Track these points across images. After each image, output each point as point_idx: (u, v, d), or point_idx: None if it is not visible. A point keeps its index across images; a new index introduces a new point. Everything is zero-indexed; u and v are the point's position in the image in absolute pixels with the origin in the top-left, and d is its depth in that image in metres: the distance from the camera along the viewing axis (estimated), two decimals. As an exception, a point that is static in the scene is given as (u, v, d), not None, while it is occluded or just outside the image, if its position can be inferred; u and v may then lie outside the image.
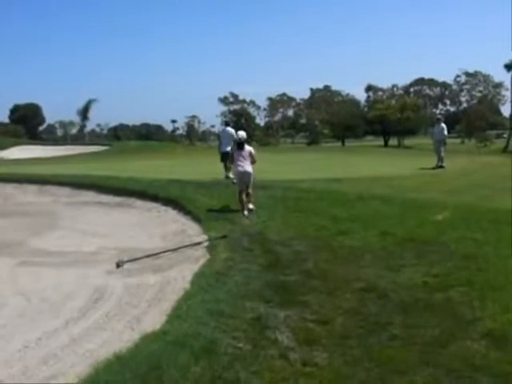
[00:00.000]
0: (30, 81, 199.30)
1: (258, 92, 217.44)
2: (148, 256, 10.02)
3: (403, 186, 17.95)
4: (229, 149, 20.18)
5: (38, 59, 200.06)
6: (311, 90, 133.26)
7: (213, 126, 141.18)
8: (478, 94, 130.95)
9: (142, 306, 7.67)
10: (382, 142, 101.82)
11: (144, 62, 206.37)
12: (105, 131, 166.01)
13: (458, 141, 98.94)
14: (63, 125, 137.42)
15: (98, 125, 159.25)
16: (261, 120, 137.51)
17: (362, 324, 6.33)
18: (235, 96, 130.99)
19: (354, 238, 10.17)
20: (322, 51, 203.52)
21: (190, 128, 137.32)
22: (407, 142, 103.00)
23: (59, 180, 20.39)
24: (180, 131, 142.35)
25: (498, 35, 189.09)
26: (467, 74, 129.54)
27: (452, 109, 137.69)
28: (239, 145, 14.05)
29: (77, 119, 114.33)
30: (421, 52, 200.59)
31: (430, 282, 7.66)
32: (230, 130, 22.03)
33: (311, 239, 10.20)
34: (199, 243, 10.37)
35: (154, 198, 15.38)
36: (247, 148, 14.05)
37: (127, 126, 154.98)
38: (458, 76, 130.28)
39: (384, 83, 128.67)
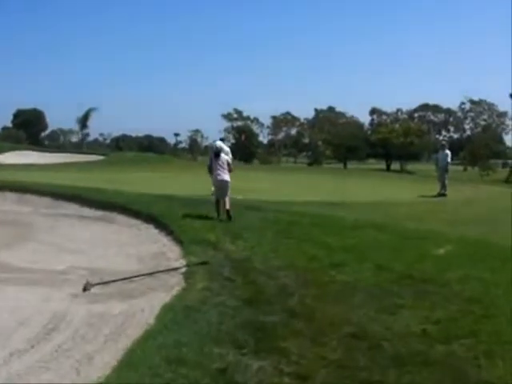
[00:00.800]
0: (36, 87, 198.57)
1: (262, 109, 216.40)
2: (119, 280, 9.04)
3: (403, 213, 17.04)
4: None
5: (45, 66, 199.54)
6: (315, 110, 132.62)
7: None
8: (483, 122, 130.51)
9: (98, 342, 6.68)
10: (384, 166, 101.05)
11: (150, 74, 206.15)
12: (107, 141, 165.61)
13: (461, 168, 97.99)
14: (63, 132, 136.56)
15: (101, 134, 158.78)
16: (264, 138, 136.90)
17: (348, 382, 5.35)
18: (239, 112, 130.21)
19: (346, 272, 9.19)
20: (327, 72, 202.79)
21: (193, 142, 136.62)
22: (410, 167, 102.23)
23: (41, 189, 19.42)
24: (183, 145, 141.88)
25: (504, 64, 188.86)
26: (472, 102, 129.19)
27: (456, 136, 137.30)
28: (216, 154, 14.49)
29: (84, 128, 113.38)
30: (426, 78, 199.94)
31: (430, 330, 6.66)
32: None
33: (300, 271, 9.22)
34: (177, 268, 9.39)
35: (137, 214, 14.41)
36: (224, 157, 14.59)
37: (130, 137, 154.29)
38: (462, 103, 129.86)
39: (388, 107, 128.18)
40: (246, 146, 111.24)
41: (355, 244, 11.24)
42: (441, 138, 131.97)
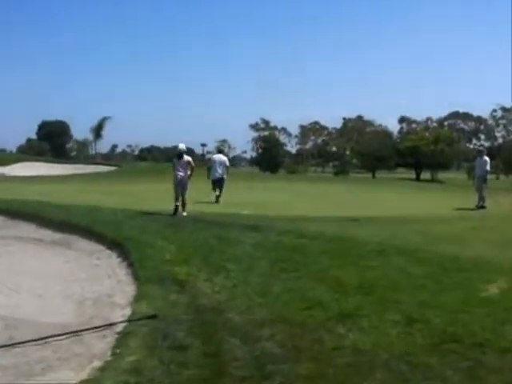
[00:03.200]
0: (64, 98, 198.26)
1: (290, 119, 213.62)
2: (29, 342, 6.23)
3: (438, 232, 14.03)
4: (220, 174, 22.53)
5: (73, 79, 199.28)
6: (344, 119, 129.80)
7: (244, 152, 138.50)
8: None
9: None
10: (413, 175, 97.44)
11: (177, 85, 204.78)
12: (135, 152, 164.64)
13: (493, 176, 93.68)
14: (78, 143, 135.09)
15: (129, 145, 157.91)
16: (292, 147, 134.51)
17: None
18: (266, 122, 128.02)
19: (362, 329, 6.28)
20: (357, 80, 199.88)
21: (221, 153, 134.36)
22: (440, 176, 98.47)
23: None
24: (210, 155, 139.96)
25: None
26: (504, 109, 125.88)
27: (486, 144, 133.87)
28: (179, 156, 16.69)
29: (98, 138, 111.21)
30: (457, 85, 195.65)
31: None
32: (221, 156, 23.81)
33: (294, 328, 6.34)
34: (112, 325, 6.55)
35: (102, 238, 11.63)
36: (185, 158, 16.64)
37: (158, 148, 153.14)
38: (494, 110, 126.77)
39: (418, 115, 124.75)
40: (272, 156, 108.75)
41: (377, 280, 8.32)
42: (471, 146, 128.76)
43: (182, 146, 17.01)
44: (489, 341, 5.96)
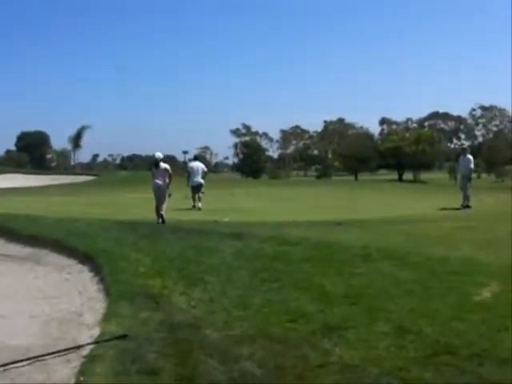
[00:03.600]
0: (41, 109, 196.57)
1: (270, 124, 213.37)
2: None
3: (425, 233, 13.62)
4: (199, 181, 23.07)
5: (48, 87, 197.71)
6: (325, 122, 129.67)
7: (226, 158, 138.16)
8: (494, 128, 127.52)
9: None
10: (395, 176, 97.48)
11: (157, 92, 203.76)
12: (117, 161, 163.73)
13: (474, 175, 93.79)
14: (56, 153, 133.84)
15: (110, 155, 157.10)
16: (273, 152, 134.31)
17: None
18: (247, 127, 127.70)
19: (349, 343, 5.80)
20: (335, 82, 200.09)
21: (203, 159, 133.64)
22: (422, 176, 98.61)
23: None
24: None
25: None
26: (483, 108, 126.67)
27: (467, 143, 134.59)
28: (156, 164, 16.99)
29: (77, 147, 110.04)
30: (435, 86, 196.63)
31: None
32: (199, 163, 24.20)
33: (275, 344, 5.84)
34: (79, 347, 6.01)
35: (74, 252, 11.04)
36: (162, 166, 16.86)
37: (140, 156, 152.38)
38: (473, 110, 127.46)
39: (398, 117, 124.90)
40: (253, 161, 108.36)
41: (364, 288, 7.85)
42: (452, 146, 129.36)
43: (158, 155, 17.29)
44: (486, 351, 5.52)
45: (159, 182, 16.68)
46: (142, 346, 5.78)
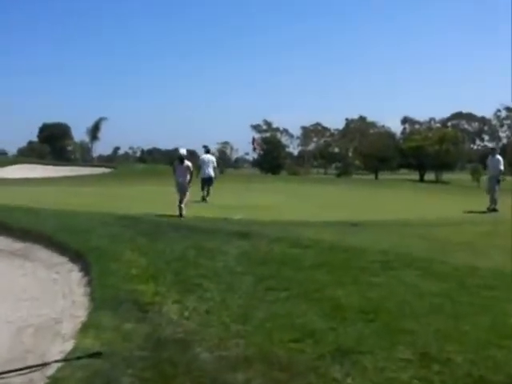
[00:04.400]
0: (63, 101, 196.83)
1: (291, 120, 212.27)
2: None
3: (449, 238, 12.60)
4: (213, 174, 23.16)
5: (71, 80, 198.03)
6: (346, 119, 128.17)
7: (247, 154, 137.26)
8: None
9: None
10: (416, 176, 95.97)
11: (179, 86, 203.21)
12: (137, 154, 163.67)
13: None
14: (75, 145, 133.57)
15: (131, 147, 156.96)
16: (294, 149, 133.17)
17: None
18: (268, 124, 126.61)
19: (364, 373, 4.83)
20: (358, 81, 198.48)
21: (222, 154, 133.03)
22: (444, 177, 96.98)
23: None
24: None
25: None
26: (508, 109, 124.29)
27: (490, 144, 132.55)
28: (180, 160, 17.10)
29: (95, 139, 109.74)
30: (460, 86, 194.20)
31: None
32: (210, 156, 24.13)
33: (276, 370, 4.90)
34: (45, 365, 5.10)
35: (65, 249, 10.16)
36: (186, 163, 17.04)
37: (159, 150, 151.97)
38: (498, 110, 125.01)
39: (421, 116, 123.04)
40: (273, 157, 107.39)
41: (383, 301, 6.87)
42: (475, 147, 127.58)
43: (182, 151, 17.54)
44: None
45: (181, 178, 16.89)
46: (118, 366, 4.86)
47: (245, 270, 8.18)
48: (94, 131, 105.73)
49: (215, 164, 24.07)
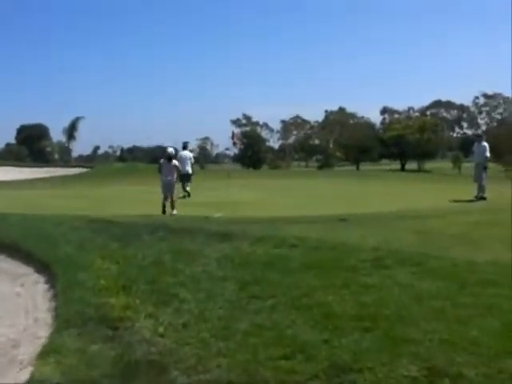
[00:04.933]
0: (38, 101, 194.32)
1: (271, 114, 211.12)
2: None
3: (441, 231, 11.98)
4: (190, 170, 23.95)
5: (44, 78, 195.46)
6: (325, 111, 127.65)
7: (227, 149, 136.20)
8: (498, 117, 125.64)
9: None
10: (398, 166, 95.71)
11: (157, 82, 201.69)
12: (117, 153, 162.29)
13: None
14: (52, 146, 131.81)
15: (111, 146, 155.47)
16: (274, 143, 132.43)
17: None
18: (248, 118, 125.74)
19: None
20: (336, 72, 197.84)
21: (203, 150, 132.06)
22: (426, 165, 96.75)
23: None
24: (193, 153, 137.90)
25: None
26: (486, 96, 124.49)
27: (469, 132, 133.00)
28: (168, 159, 17.89)
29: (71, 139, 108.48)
30: (437, 74, 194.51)
31: None
32: (188, 153, 25.02)
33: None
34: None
35: (30, 258, 9.39)
36: (173, 162, 17.96)
37: (140, 148, 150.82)
38: (476, 98, 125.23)
39: (400, 106, 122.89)
40: (254, 152, 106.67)
41: (379, 306, 6.21)
42: (454, 135, 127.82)
43: (170, 150, 18.66)
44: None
45: (169, 177, 17.68)
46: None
47: (226, 275, 7.48)
48: (71, 131, 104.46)
49: (193, 160, 24.95)
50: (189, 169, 23.76)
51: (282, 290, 6.81)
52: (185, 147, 25.34)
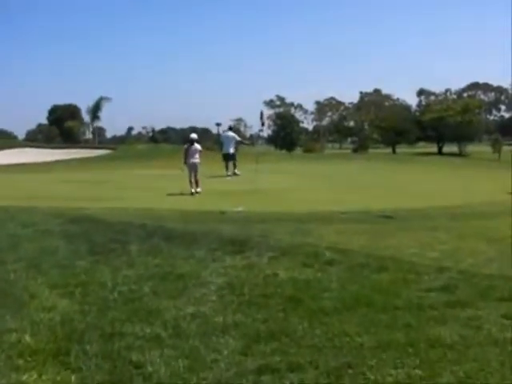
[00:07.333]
0: (75, 82, 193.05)
1: (305, 96, 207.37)
2: None
3: (504, 232, 9.32)
4: (232, 150, 24.45)
5: (79, 59, 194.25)
6: (360, 93, 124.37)
7: (261, 130, 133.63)
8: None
9: None
10: (435, 149, 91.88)
11: (192, 63, 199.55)
12: (150, 134, 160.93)
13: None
14: (84, 127, 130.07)
15: (144, 127, 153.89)
16: (308, 124, 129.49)
17: None
18: (281, 99, 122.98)
19: None
20: (372, 54, 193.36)
21: (237, 132, 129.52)
22: (467, 149, 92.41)
23: None
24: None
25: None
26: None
27: (507, 115, 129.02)
28: (191, 143, 19.09)
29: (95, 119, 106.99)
30: (475, 56, 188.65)
31: None
32: (232, 133, 25.54)
33: None
34: None
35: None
36: (196, 146, 19.06)
37: (174, 129, 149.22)
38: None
39: (436, 88, 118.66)
40: (287, 133, 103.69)
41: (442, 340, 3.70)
42: (491, 117, 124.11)
43: (193, 136, 19.87)
44: None
45: (195, 160, 18.61)
46: None
47: (227, 322, 4.94)
48: (95, 111, 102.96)
49: (238, 139, 26.12)
50: (231, 149, 24.48)
51: (312, 355, 4.29)
52: (230, 128, 26.80)
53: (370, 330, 4.78)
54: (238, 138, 26.58)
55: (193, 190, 17.70)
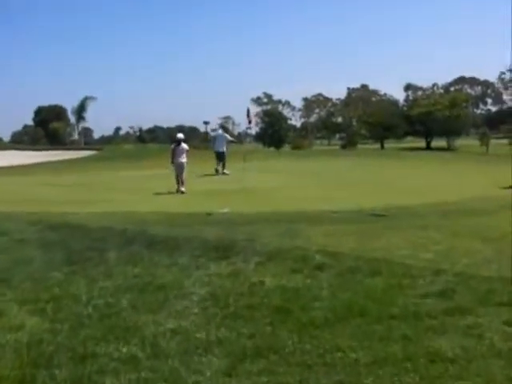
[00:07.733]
0: (56, 83, 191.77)
1: (292, 93, 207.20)
2: None
3: (499, 230, 9.02)
4: (223, 149, 24.66)
5: (63, 60, 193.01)
6: (348, 89, 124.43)
7: (249, 128, 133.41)
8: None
9: None
10: (423, 144, 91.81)
11: (179, 61, 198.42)
12: (137, 133, 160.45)
13: (505, 142, 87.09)
14: (69, 127, 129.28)
15: (131, 127, 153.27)
16: (296, 121, 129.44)
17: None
18: (269, 96, 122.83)
19: None
20: (358, 50, 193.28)
21: (224, 130, 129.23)
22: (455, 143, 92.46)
23: None
24: (214, 132, 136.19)
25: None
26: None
27: (494, 108, 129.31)
28: (178, 143, 19.53)
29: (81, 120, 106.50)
30: (461, 50, 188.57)
31: None
32: (224, 133, 26.67)
33: None
34: None
35: None
36: (183, 145, 19.47)
37: (161, 128, 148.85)
38: (502, 73, 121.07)
39: (423, 82, 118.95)
40: (275, 131, 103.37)
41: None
42: (478, 111, 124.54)
43: (180, 136, 20.34)
44: None
45: (181, 160, 18.92)
46: None
47: (210, 338, 4.58)
48: (80, 111, 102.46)
49: (229, 138, 26.53)
50: (219, 148, 24.71)
51: (301, 373, 3.94)
52: (222, 127, 29.33)
53: (365, 343, 4.43)
54: (230, 138, 27.07)
55: (182, 189, 17.92)
